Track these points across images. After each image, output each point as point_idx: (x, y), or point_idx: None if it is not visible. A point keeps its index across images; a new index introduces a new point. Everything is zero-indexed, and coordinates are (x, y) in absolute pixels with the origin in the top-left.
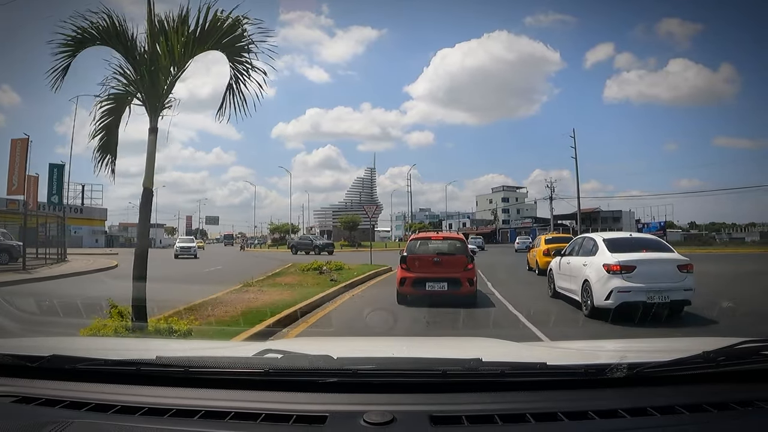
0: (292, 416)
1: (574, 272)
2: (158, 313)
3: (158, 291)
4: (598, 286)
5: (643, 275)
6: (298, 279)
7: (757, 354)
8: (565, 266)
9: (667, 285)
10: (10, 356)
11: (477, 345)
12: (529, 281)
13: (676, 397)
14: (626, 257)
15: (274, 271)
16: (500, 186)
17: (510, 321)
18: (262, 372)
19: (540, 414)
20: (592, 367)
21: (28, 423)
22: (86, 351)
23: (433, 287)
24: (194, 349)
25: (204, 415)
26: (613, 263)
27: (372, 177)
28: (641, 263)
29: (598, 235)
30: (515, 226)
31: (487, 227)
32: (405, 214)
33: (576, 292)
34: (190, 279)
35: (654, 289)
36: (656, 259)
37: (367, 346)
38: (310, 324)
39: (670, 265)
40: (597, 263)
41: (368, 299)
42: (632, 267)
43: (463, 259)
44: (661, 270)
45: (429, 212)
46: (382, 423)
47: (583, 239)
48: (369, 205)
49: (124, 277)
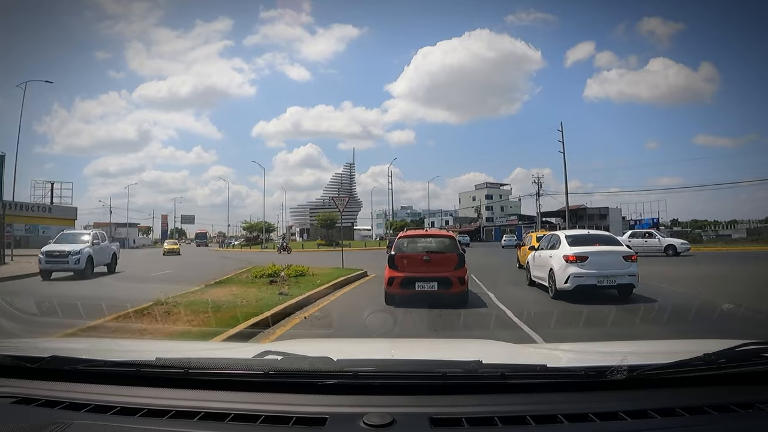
0: (291, 418)
1: (544, 263)
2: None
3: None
4: (559, 273)
5: (595, 264)
6: (238, 292)
7: (758, 356)
8: (537, 258)
9: (614, 272)
10: (10, 357)
11: (477, 347)
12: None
13: (677, 399)
14: (581, 249)
15: (220, 278)
16: (483, 183)
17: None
18: (262, 373)
19: (540, 416)
20: (592, 369)
21: (28, 424)
22: (86, 352)
23: (422, 287)
24: (194, 351)
25: (204, 416)
26: (570, 254)
27: (351, 173)
28: (593, 254)
29: (562, 232)
30: (500, 223)
31: (471, 225)
32: (386, 212)
33: (545, 279)
34: (105, 290)
35: (603, 275)
36: (606, 251)
37: (367, 347)
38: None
39: (617, 256)
40: (559, 255)
41: (325, 322)
42: (585, 257)
43: (454, 258)
44: (610, 260)
45: (411, 210)
46: (382, 425)
47: (551, 236)
48: (340, 197)
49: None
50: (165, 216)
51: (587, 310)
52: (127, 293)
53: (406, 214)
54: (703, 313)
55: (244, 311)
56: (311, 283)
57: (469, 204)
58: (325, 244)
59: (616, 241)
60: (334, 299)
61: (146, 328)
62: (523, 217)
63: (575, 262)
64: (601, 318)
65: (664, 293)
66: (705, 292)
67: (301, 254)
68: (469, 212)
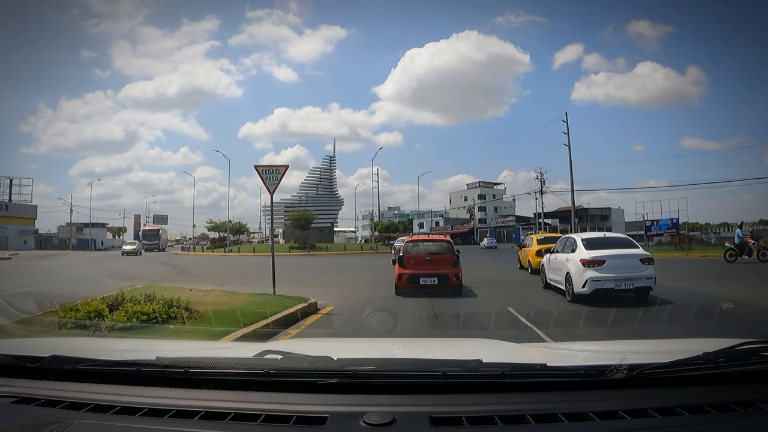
0: (292, 417)
1: (560, 266)
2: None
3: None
4: (576, 277)
5: (612, 267)
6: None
7: (758, 355)
8: (553, 262)
9: (631, 275)
10: (10, 357)
11: (477, 346)
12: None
13: (677, 398)
14: (598, 253)
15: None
16: (476, 182)
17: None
18: (262, 373)
19: (540, 415)
20: (592, 368)
21: (28, 423)
22: (86, 351)
23: (426, 281)
24: (194, 350)
25: (204, 415)
26: (588, 258)
27: (331, 167)
28: (610, 258)
29: (578, 235)
30: (496, 224)
31: (464, 226)
32: (372, 213)
33: (561, 283)
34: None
35: (621, 278)
36: (623, 254)
37: (368, 347)
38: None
39: (634, 259)
40: (576, 258)
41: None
42: (602, 261)
43: (451, 258)
44: (627, 263)
45: (398, 211)
46: (382, 424)
47: (567, 239)
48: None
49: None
50: (138, 216)
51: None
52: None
53: (393, 215)
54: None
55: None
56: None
57: (461, 204)
58: (298, 247)
59: (633, 244)
60: None
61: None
62: (520, 218)
63: (593, 266)
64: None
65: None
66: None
67: (252, 260)
68: (460, 213)
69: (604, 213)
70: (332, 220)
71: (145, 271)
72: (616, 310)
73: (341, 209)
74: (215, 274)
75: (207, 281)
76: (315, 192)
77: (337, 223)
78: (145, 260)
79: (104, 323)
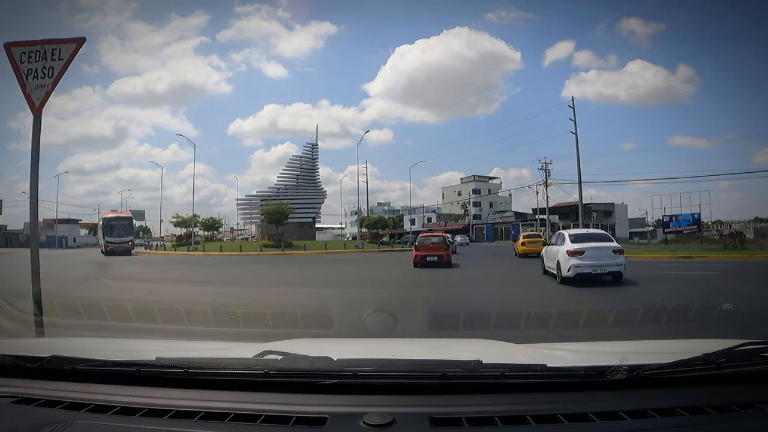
0: (291, 417)
1: (553, 256)
2: None
3: None
4: (563, 264)
5: (590, 256)
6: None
7: (758, 356)
8: (549, 252)
9: (605, 262)
10: (10, 357)
11: (477, 346)
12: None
13: (677, 399)
14: (580, 246)
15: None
16: (470, 176)
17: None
18: (262, 373)
19: (540, 416)
20: (592, 369)
21: (28, 423)
22: (86, 352)
23: (432, 259)
24: (194, 350)
25: (204, 416)
26: (572, 249)
27: (313, 155)
28: (589, 249)
29: (567, 231)
30: (493, 221)
31: (458, 222)
32: (359, 207)
33: (554, 269)
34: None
35: (597, 265)
36: (599, 246)
37: (368, 347)
38: None
39: (608, 251)
40: (563, 250)
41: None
42: (583, 251)
43: (444, 245)
44: (602, 253)
45: (389, 206)
46: (382, 425)
47: (559, 234)
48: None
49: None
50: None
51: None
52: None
53: (383, 210)
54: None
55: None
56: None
57: (454, 199)
58: (272, 245)
59: (608, 238)
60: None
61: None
62: (518, 214)
63: (575, 255)
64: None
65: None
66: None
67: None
68: (454, 208)
69: (608, 209)
70: (314, 214)
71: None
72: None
73: (324, 202)
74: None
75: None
76: (295, 183)
77: (320, 219)
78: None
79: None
